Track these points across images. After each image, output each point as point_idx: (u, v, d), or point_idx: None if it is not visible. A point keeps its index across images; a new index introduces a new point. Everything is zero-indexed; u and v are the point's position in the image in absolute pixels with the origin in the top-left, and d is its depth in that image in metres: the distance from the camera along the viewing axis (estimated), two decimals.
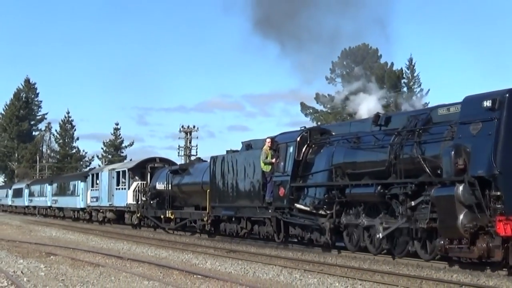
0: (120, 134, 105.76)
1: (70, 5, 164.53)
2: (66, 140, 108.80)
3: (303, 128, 24.07)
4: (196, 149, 70.71)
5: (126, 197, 39.22)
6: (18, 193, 75.56)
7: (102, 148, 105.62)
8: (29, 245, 25.49)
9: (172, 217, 32.89)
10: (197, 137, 72.06)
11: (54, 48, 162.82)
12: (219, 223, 28.36)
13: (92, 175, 47.45)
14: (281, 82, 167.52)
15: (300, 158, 22.74)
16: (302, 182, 22.73)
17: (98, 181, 45.41)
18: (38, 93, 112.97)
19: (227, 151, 28.42)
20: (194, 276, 15.74)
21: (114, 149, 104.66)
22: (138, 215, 37.49)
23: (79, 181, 50.41)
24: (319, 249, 22.37)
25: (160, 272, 16.71)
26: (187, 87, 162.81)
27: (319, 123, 72.91)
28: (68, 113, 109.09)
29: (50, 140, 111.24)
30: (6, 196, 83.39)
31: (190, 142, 70.75)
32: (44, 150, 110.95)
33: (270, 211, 23.78)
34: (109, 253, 22.28)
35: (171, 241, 29.06)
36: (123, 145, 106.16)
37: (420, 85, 74.20)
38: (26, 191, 71.00)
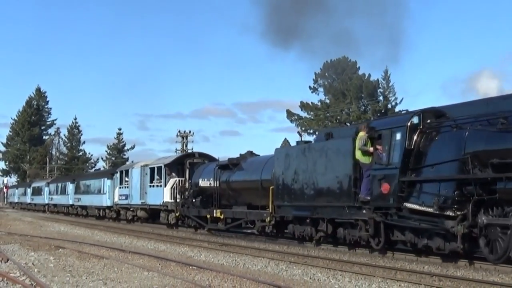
0: (122, 138, 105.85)
1: (78, 22, 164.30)
2: (74, 144, 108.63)
3: (405, 111, 19.16)
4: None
5: (162, 195, 33.74)
6: (38, 191, 70.27)
7: (106, 151, 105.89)
8: (40, 239, 25.33)
9: (221, 217, 27.56)
10: (193, 141, 71.98)
11: (63, 60, 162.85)
12: (283, 224, 23.30)
13: (121, 172, 42.02)
14: (269, 91, 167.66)
15: (412, 147, 16.93)
16: (415, 176, 16.85)
17: (127, 178, 40.06)
18: (48, 101, 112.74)
19: (298, 142, 24.13)
20: (190, 267, 15.68)
21: (117, 152, 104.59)
22: (177, 214, 31.97)
23: (106, 179, 45.01)
24: (310, 244, 22.33)
25: (159, 264, 16.63)
26: (184, 95, 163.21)
27: (303, 128, 73.09)
28: (75, 119, 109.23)
29: (59, 144, 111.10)
30: (25, 194, 77.85)
31: (186, 146, 70.72)
32: (53, 152, 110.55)
33: (365, 211, 18.26)
34: (113, 246, 22.18)
35: (169, 235, 28.94)
36: (125, 148, 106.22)
37: (394, 94, 74.44)
38: (46, 189, 65.62)
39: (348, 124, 68.53)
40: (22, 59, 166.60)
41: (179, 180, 32.82)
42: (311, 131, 75.31)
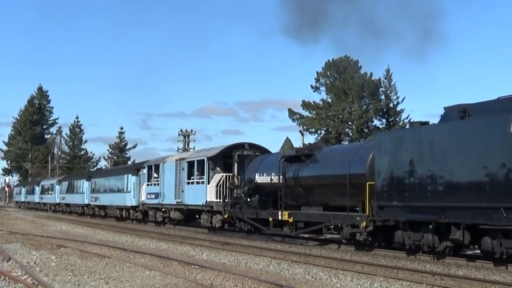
0: (124, 138, 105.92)
1: (80, 22, 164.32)
2: (75, 143, 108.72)
3: None
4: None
5: (205, 193, 28.61)
6: (47, 190, 65.68)
7: (108, 150, 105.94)
8: (41, 238, 25.34)
9: (290, 220, 22.77)
10: (195, 140, 72.10)
11: (65, 59, 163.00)
12: (384, 231, 18.68)
13: (149, 167, 36.52)
14: (271, 90, 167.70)
15: None
16: None
17: (157, 174, 35.18)
18: (50, 100, 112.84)
19: (412, 123, 18.53)
20: (192, 266, 15.68)
21: (119, 151, 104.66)
22: (225, 216, 27.21)
23: (130, 175, 39.86)
24: (304, 242, 22.33)
25: (161, 263, 16.63)
26: (186, 94, 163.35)
27: (305, 127, 73.08)
28: (77, 118, 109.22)
29: (61, 143, 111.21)
30: (33, 193, 73.10)
31: (188, 145, 70.78)
32: (55, 152, 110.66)
33: None
34: (114, 245, 22.17)
35: (171, 234, 28.93)
36: (127, 147, 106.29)
37: (396, 93, 74.36)
38: (57, 188, 60.87)
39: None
40: (24, 58, 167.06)
41: (226, 176, 27.95)
42: (313, 130, 75.33)
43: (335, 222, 20.88)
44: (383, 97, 74.19)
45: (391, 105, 73.65)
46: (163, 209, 34.12)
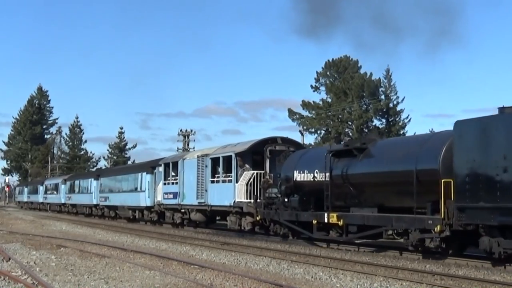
0: (124, 137, 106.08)
1: (80, 22, 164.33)
2: (75, 143, 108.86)
3: None
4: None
5: (234, 192, 25.95)
6: (52, 190, 63.17)
7: (108, 150, 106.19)
8: (41, 238, 25.33)
9: (339, 223, 19.95)
10: (194, 140, 72.16)
11: (65, 59, 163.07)
12: (462, 237, 16.26)
13: (166, 164, 34.11)
14: (271, 90, 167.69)
15: None
16: None
17: (174, 173, 32.82)
18: (49, 100, 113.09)
19: (500, 109, 15.15)
20: (192, 266, 15.67)
21: (119, 151, 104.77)
22: (257, 218, 24.57)
23: (145, 174, 37.38)
24: (305, 242, 22.31)
25: (161, 263, 16.62)
26: (186, 94, 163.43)
27: (305, 127, 73.08)
28: (77, 118, 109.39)
29: (61, 143, 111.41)
30: (37, 192, 70.49)
31: (188, 145, 70.82)
32: (55, 151, 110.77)
33: None
34: (114, 245, 22.16)
35: (171, 234, 28.91)
36: (127, 147, 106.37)
37: (396, 93, 74.39)
38: (62, 187, 58.37)
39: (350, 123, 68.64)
40: (23, 58, 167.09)
41: (257, 174, 25.46)
42: (313, 130, 75.33)
43: (399, 225, 17.63)
44: (383, 97, 74.24)
45: (391, 105, 73.69)
46: (182, 210, 31.69)
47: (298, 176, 22.32)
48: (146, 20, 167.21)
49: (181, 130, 71.62)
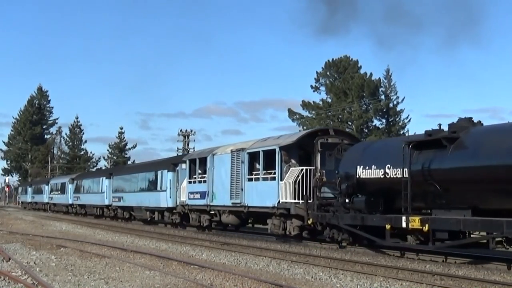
0: (124, 138, 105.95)
1: (80, 22, 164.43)
2: (75, 143, 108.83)
3: None
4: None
5: (277, 192, 22.65)
6: (58, 190, 59.93)
7: (108, 150, 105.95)
8: (41, 238, 25.33)
9: (424, 228, 16.32)
10: (194, 140, 72.21)
11: (65, 59, 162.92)
12: None
13: (191, 161, 30.73)
14: (271, 90, 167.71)
15: None
16: None
17: (201, 170, 29.46)
18: (49, 100, 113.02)
19: None
20: (192, 266, 15.68)
21: (119, 151, 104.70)
22: (309, 221, 21.22)
23: (165, 171, 34.33)
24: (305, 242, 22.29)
25: (161, 263, 16.63)
26: (186, 94, 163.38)
27: (305, 127, 73.08)
28: (77, 118, 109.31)
29: (61, 143, 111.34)
30: (41, 192, 67.23)
31: (188, 145, 70.87)
32: (55, 152, 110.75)
33: None
34: (114, 245, 22.16)
35: (171, 234, 28.91)
36: (127, 147, 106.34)
37: (396, 93, 74.37)
38: (70, 187, 55.11)
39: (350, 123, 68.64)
40: (23, 58, 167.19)
41: (307, 170, 22.02)
42: None
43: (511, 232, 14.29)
44: (383, 97, 74.24)
45: (391, 105, 73.68)
46: (211, 212, 28.52)
47: (363, 173, 18.92)
48: (146, 20, 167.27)
49: (181, 130, 71.74)
